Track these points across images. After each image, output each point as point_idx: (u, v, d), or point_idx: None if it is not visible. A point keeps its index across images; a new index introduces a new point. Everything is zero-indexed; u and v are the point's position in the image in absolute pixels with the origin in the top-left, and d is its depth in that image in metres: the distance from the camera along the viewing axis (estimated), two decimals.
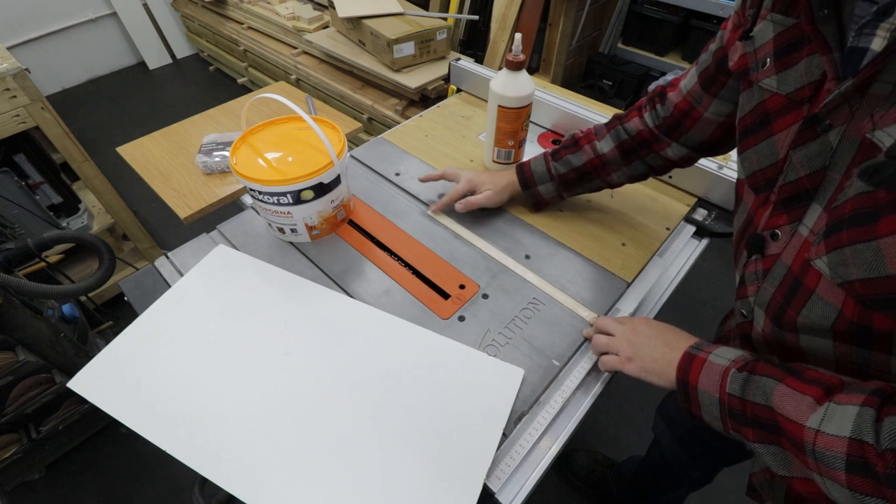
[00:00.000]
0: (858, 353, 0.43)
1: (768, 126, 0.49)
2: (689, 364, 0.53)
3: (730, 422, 0.48)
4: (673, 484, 1.05)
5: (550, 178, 0.82)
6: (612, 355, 0.63)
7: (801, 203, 0.45)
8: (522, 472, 0.57)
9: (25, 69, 1.28)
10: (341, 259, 0.81)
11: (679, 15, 2.27)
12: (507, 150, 0.92)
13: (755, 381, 0.46)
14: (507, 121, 0.87)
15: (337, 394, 0.63)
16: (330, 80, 2.10)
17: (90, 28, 3.03)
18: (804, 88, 0.45)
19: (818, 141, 0.43)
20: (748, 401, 0.46)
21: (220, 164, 1.06)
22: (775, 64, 0.47)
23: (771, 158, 0.49)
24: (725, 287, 1.84)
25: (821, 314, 0.43)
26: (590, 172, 0.79)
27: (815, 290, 0.43)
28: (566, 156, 0.80)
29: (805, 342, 0.47)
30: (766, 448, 0.45)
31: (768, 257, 0.49)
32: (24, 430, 1.23)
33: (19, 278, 0.96)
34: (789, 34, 0.46)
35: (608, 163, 0.77)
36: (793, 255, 0.46)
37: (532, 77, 0.88)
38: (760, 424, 0.45)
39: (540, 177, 0.82)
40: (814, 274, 0.43)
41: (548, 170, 0.81)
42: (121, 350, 0.68)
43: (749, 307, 0.53)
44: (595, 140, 0.78)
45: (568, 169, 0.80)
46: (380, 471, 0.56)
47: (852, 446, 0.37)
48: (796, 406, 0.42)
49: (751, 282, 0.53)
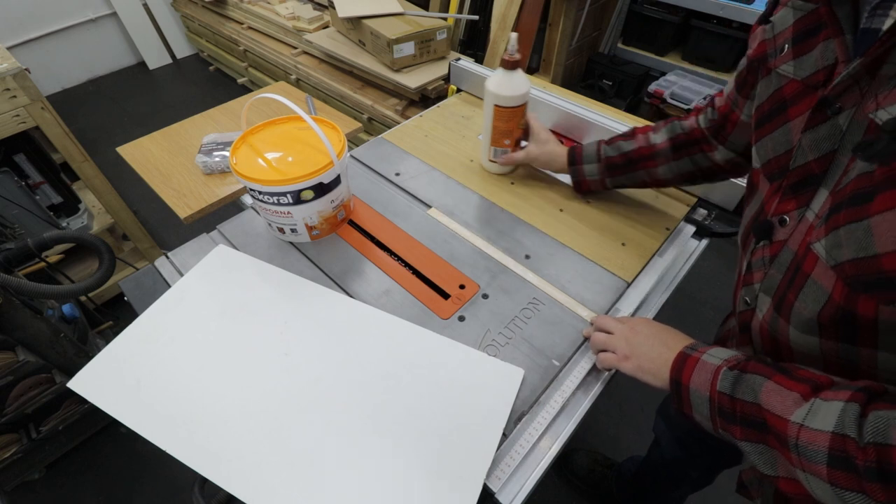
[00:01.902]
0: (844, 349, 0.43)
1: (784, 113, 0.48)
2: (683, 363, 0.53)
3: (719, 420, 0.48)
4: (673, 484, 1.05)
5: (598, 160, 0.82)
6: (610, 353, 0.63)
7: (809, 187, 0.45)
8: (522, 472, 0.57)
9: (25, 69, 1.28)
10: (341, 259, 0.81)
11: (679, 15, 2.26)
12: (504, 149, 0.92)
13: (745, 380, 0.46)
14: (503, 120, 0.88)
15: (337, 394, 0.63)
16: (330, 80, 2.10)
17: (90, 28, 3.03)
18: (818, 73, 0.44)
19: (828, 124, 0.42)
20: (737, 399, 0.46)
21: (220, 164, 1.06)
22: (793, 49, 0.47)
23: (786, 146, 0.48)
24: (725, 287, 1.83)
25: (814, 298, 0.43)
26: (637, 160, 0.79)
27: (811, 274, 0.43)
28: (619, 141, 0.80)
29: (794, 337, 0.47)
30: (752, 447, 0.45)
31: (776, 243, 0.49)
32: (24, 430, 1.23)
33: (19, 278, 0.96)
34: (808, 19, 0.46)
35: (657, 153, 0.77)
36: (798, 240, 0.46)
37: (532, 77, 0.88)
38: (748, 422, 0.45)
39: (588, 156, 0.83)
40: (812, 258, 0.43)
41: (597, 151, 0.82)
42: (121, 350, 0.68)
43: (753, 294, 0.53)
44: (650, 132, 0.78)
45: (617, 153, 0.80)
46: (380, 471, 0.56)
47: (835, 441, 0.37)
48: (782, 402, 0.42)
49: (757, 268, 0.52)
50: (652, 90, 2.16)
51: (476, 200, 0.92)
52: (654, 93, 2.14)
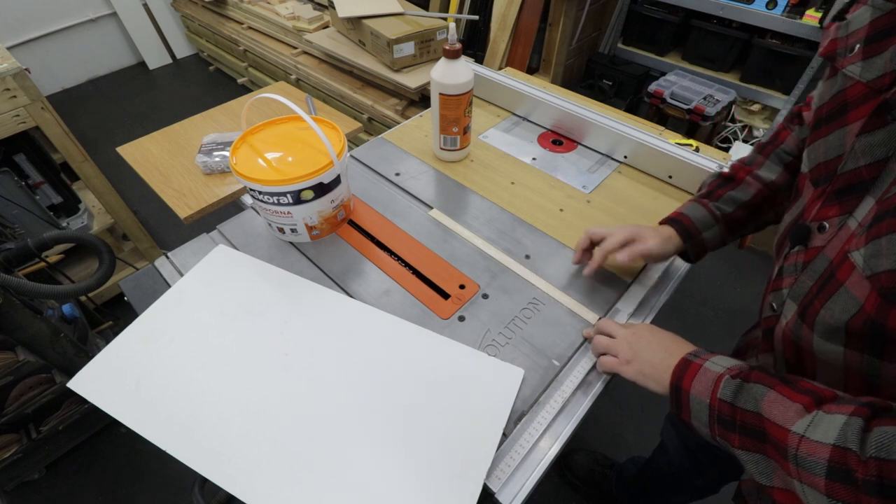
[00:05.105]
0: (868, 361, 0.42)
1: (843, 116, 0.47)
2: (685, 370, 0.53)
3: (717, 428, 0.48)
4: (675, 491, 1.04)
5: (715, 221, 0.69)
6: (611, 357, 0.63)
7: (854, 194, 0.43)
8: (522, 472, 0.57)
9: (25, 69, 1.28)
10: (341, 259, 0.81)
11: (679, 15, 2.26)
12: (453, 136, 0.95)
13: (747, 389, 0.46)
14: (449, 108, 0.90)
15: (336, 394, 0.63)
16: (330, 80, 2.10)
17: (90, 28, 3.03)
18: (884, 77, 0.43)
19: (886, 129, 0.41)
20: (738, 407, 0.46)
21: (220, 164, 1.06)
22: (863, 50, 0.46)
23: (838, 150, 0.46)
24: (725, 287, 1.84)
25: (843, 307, 0.42)
26: (761, 205, 0.68)
27: (845, 282, 0.42)
28: (727, 193, 0.69)
29: (817, 345, 0.46)
30: (749, 456, 0.45)
31: (811, 249, 0.48)
32: (24, 430, 1.23)
33: (19, 278, 0.96)
34: (886, 20, 0.44)
35: (779, 190, 0.67)
36: (837, 247, 0.44)
37: (532, 77, 0.88)
38: (747, 431, 0.45)
39: (703, 222, 0.70)
40: (847, 266, 0.41)
41: (710, 213, 0.70)
42: (121, 350, 0.68)
43: (781, 299, 0.52)
44: (754, 169, 0.69)
45: (734, 207, 0.69)
46: (379, 470, 0.56)
47: (835, 453, 0.37)
48: (784, 412, 0.42)
49: (788, 273, 0.51)
50: (652, 90, 2.16)
51: (476, 200, 0.92)
52: (654, 93, 2.15)
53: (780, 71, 2.10)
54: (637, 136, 0.96)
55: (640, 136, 0.96)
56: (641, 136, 0.95)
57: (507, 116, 1.14)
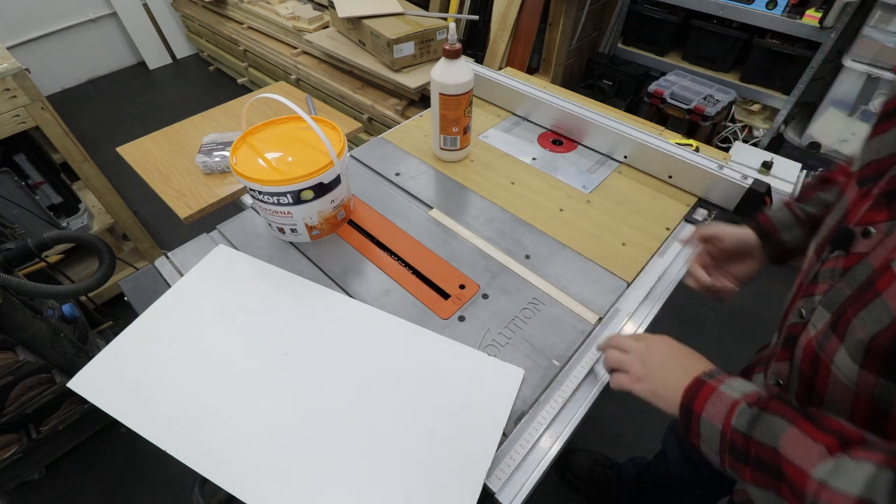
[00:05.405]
0: (882, 386, 0.39)
1: None
2: (698, 391, 0.49)
3: (728, 458, 0.45)
4: (674, 498, 1.03)
5: (798, 223, 0.66)
6: (623, 373, 0.59)
7: None
8: (522, 472, 0.57)
9: (25, 69, 1.28)
10: (341, 259, 0.81)
11: (679, 15, 2.26)
12: (453, 136, 0.95)
13: (765, 420, 0.42)
14: (449, 108, 0.90)
15: (336, 393, 0.63)
16: (330, 80, 2.10)
17: (90, 28, 3.03)
18: None
19: None
20: (753, 439, 0.42)
21: (220, 164, 1.06)
22: None
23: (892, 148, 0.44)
24: None
25: (874, 318, 0.38)
26: None
27: (883, 293, 0.38)
28: (816, 195, 0.66)
29: (839, 361, 0.42)
30: (762, 493, 0.42)
31: (852, 255, 0.44)
32: (24, 430, 1.23)
33: (19, 278, 0.96)
34: None
35: None
36: (882, 255, 0.40)
37: (532, 77, 0.88)
38: (762, 466, 0.41)
39: (782, 222, 0.67)
40: (889, 276, 0.38)
41: (792, 214, 0.67)
42: (121, 350, 0.68)
43: (811, 306, 0.47)
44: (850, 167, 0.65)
45: (821, 209, 0.65)
46: (379, 470, 0.56)
47: None
48: (804, 452, 0.38)
49: (824, 279, 0.47)
50: (652, 90, 2.16)
51: (476, 200, 0.92)
52: (654, 93, 2.15)
53: (780, 71, 2.10)
54: (637, 136, 0.96)
55: (640, 136, 0.96)
56: (641, 136, 0.95)
57: (507, 116, 1.14)
